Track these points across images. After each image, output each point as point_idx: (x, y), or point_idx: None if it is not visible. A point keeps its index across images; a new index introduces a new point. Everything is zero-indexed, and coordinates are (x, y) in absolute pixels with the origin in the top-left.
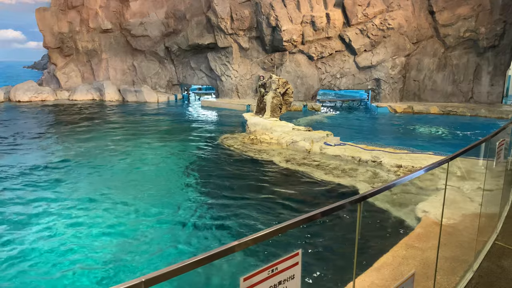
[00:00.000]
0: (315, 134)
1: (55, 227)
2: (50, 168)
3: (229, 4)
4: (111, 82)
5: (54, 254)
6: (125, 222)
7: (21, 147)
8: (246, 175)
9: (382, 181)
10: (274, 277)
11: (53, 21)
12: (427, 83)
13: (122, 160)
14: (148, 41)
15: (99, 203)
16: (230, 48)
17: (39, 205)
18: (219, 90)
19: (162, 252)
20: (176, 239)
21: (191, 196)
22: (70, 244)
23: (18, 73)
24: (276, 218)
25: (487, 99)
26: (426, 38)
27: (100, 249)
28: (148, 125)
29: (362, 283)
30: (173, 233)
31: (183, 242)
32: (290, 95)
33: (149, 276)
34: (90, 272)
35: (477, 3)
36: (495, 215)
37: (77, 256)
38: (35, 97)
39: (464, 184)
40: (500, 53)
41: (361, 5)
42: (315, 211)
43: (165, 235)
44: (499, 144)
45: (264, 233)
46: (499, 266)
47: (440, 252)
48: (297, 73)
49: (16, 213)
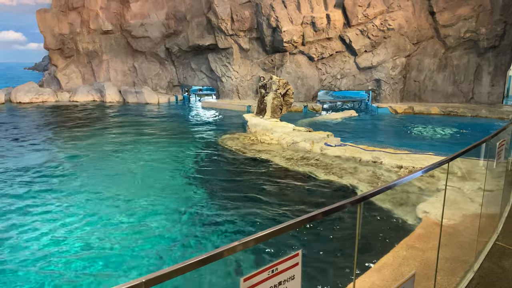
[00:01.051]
0: (315, 135)
1: (55, 228)
2: (49, 169)
3: (230, 5)
4: (111, 83)
5: (54, 255)
6: (126, 223)
7: (21, 148)
8: (246, 175)
9: (383, 181)
10: (275, 278)
11: (54, 22)
12: (428, 84)
13: (122, 160)
14: (148, 42)
15: (99, 204)
16: (231, 49)
17: (37, 205)
18: (219, 91)
19: (163, 252)
20: (177, 239)
21: (191, 196)
22: (71, 244)
23: (19, 75)
24: (277, 218)
25: (487, 100)
26: (427, 39)
27: (100, 250)
28: (148, 126)
29: (362, 284)
30: (173, 233)
31: (183, 242)
32: (291, 96)
33: (149, 277)
34: (90, 272)
35: (477, 4)
36: (496, 215)
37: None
38: (36, 99)
39: (465, 185)
40: (500, 54)
41: (361, 6)
42: (316, 212)
43: (165, 235)
44: (500, 144)
45: (266, 233)
46: (500, 266)
47: (440, 252)
48: (298, 74)
49: (14, 215)
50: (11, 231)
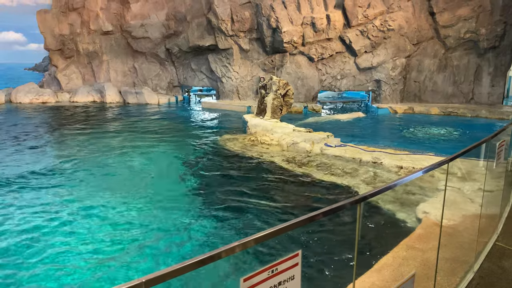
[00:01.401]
0: (315, 135)
1: (55, 229)
2: (49, 170)
3: (230, 5)
4: (111, 84)
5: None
6: (126, 222)
7: (22, 149)
8: (246, 176)
9: (383, 182)
10: (274, 278)
11: (54, 23)
12: (428, 84)
13: (122, 161)
14: (148, 43)
15: (99, 204)
16: (231, 49)
17: (36, 206)
18: (219, 91)
19: (163, 253)
20: (177, 239)
21: (192, 197)
22: (71, 245)
23: (19, 75)
24: (277, 218)
25: (487, 100)
26: (427, 39)
27: (99, 252)
28: (148, 127)
29: (362, 284)
30: (171, 234)
31: (184, 241)
32: (291, 97)
33: (149, 277)
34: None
35: (477, 4)
36: (496, 216)
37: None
38: (36, 99)
39: (465, 185)
40: (500, 54)
41: (361, 7)
42: (316, 212)
43: (165, 236)
44: (499, 145)
45: (266, 233)
46: (500, 267)
47: (440, 253)
48: (298, 75)
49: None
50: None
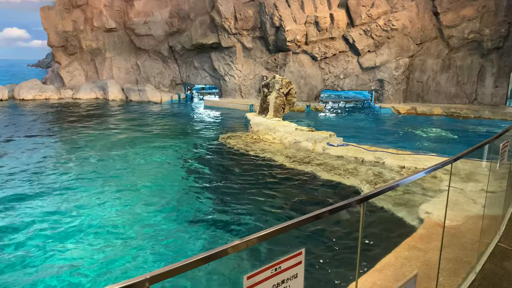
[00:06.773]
0: (318, 135)
1: (55, 230)
2: (49, 169)
3: (233, 4)
4: (114, 81)
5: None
6: (127, 222)
7: (22, 146)
8: (248, 174)
9: (385, 182)
10: (277, 276)
11: (58, 20)
12: (431, 84)
13: (124, 158)
14: (152, 40)
15: (100, 203)
16: (234, 48)
17: (36, 207)
18: (222, 89)
19: (164, 252)
20: (178, 239)
21: (194, 195)
22: (72, 245)
23: (23, 71)
24: (278, 217)
25: (491, 101)
26: (430, 39)
27: (99, 251)
28: (151, 124)
29: (364, 283)
30: (175, 232)
31: (184, 242)
32: (293, 95)
33: (154, 273)
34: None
35: (481, 5)
36: (498, 217)
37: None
38: (39, 95)
39: (468, 186)
40: (504, 55)
41: (365, 6)
42: (322, 210)
43: (169, 234)
44: (503, 146)
45: (270, 231)
46: (502, 268)
47: (442, 253)
48: (301, 73)
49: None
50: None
